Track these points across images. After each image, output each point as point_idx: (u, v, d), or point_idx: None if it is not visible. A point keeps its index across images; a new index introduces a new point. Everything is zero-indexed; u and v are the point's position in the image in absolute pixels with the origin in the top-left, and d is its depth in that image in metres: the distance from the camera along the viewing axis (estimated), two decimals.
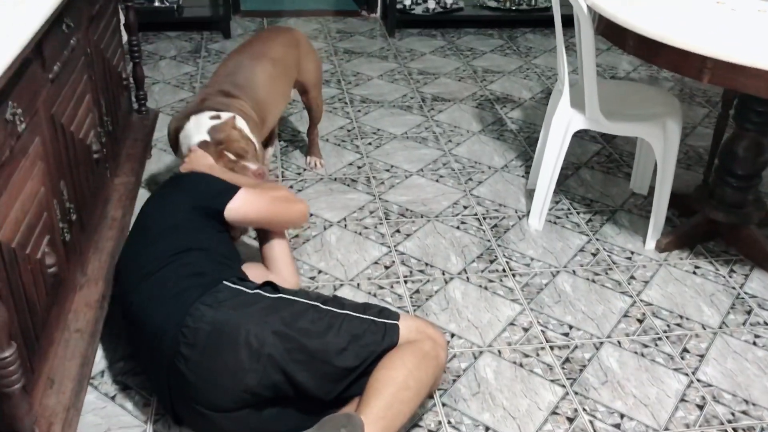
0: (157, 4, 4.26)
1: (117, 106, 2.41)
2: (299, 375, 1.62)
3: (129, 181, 2.39)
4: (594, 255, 2.48)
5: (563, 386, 1.94)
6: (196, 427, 1.74)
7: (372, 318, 1.72)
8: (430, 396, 1.88)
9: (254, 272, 2.03)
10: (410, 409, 1.63)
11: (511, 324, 2.16)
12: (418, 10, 4.44)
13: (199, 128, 2.19)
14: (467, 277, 2.35)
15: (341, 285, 2.28)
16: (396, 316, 1.75)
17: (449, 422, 1.82)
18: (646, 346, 2.09)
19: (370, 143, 3.15)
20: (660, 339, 2.12)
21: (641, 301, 2.27)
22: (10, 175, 1.42)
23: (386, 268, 2.37)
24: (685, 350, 2.08)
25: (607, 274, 2.39)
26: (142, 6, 4.23)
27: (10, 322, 1.32)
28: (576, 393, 1.92)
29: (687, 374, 1.99)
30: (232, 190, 2.00)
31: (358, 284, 2.29)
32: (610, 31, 2.12)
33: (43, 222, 1.57)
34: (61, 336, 1.71)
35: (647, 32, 1.96)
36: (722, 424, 1.84)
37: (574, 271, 2.39)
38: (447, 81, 3.81)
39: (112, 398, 1.85)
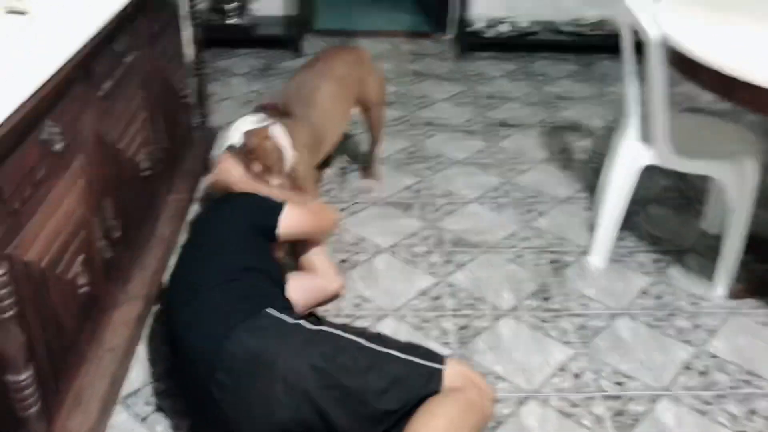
0: (230, 21, 4.32)
1: (175, 124, 2.43)
2: (334, 414, 1.55)
3: (182, 198, 2.40)
4: (657, 298, 2.32)
5: None
6: None
7: (417, 360, 1.63)
8: None
9: (298, 283, 2.06)
10: None
11: (562, 369, 2.03)
12: (491, 33, 4.35)
13: (238, 128, 2.23)
14: (519, 315, 2.23)
15: (385, 316, 2.21)
16: (442, 360, 1.65)
17: None
18: (707, 403, 1.93)
19: (429, 167, 3.07)
20: (724, 396, 1.95)
21: (706, 352, 2.11)
22: (45, 195, 1.42)
23: (434, 300, 2.29)
24: (753, 411, 1.91)
25: (669, 320, 2.23)
26: (216, 23, 4.30)
27: (29, 345, 1.31)
28: None
29: None
30: (279, 205, 2.02)
31: (403, 316, 2.21)
32: (682, 63, 1.99)
33: (79, 240, 1.56)
34: (93, 354, 1.71)
35: (729, 70, 1.82)
36: None
37: (634, 315, 2.25)
38: (515, 106, 3.70)
39: (143, 420, 1.82)
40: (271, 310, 1.66)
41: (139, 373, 1.96)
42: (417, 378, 1.60)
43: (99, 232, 1.72)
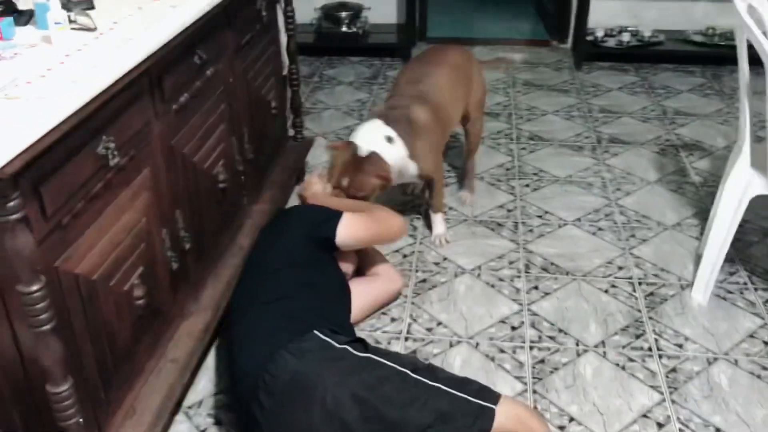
0: (344, 29, 4.34)
1: (263, 135, 2.44)
2: None
3: (265, 208, 2.40)
4: (766, 344, 2.08)
5: None
6: None
7: (466, 397, 1.54)
8: None
9: (359, 288, 2.10)
10: None
11: (644, 416, 1.86)
12: (611, 42, 4.12)
13: (367, 140, 2.27)
14: (604, 352, 2.07)
15: (458, 342, 2.11)
16: (495, 400, 1.55)
17: None
18: None
19: (527, 185, 2.93)
20: None
21: None
22: (101, 209, 1.44)
23: (513, 329, 2.16)
24: None
25: None
26: (329, 31, 4.34)
27: (76, 356, 1.33)
28: None
29: None
30: (336, 215, 2.02)
31: (477, 344, 2.11)
32: None
33: (139, 253, 1.58)
34: (154, 365, 1.73)
35: None
36: None
37: (736, 361, 2.03)
38: (630, 121, 3.48)
39: (202, 431, 1.84)
40: (318, 332, 1.62)
41: (206, 383, 1.98)
42: (465, 416, 1.51)
43: (167, 243, 1.74)
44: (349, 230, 2.03)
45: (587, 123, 3.46)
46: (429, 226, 2.62)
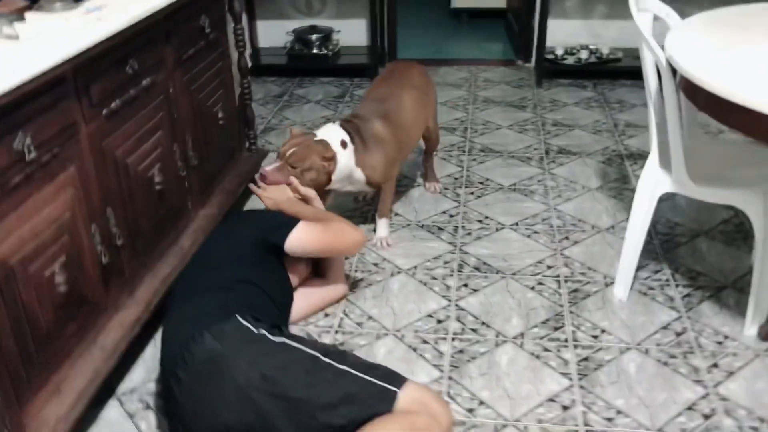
0: (315, 51, 4.50)
1: (209, 144, 2.58)
2: (279, 423, 1.59)
3: (213, 213, 2.53)
4: (678, 335, 2.18)
5: None
6: None
7: (372, 380, 1.64)
8: None
9: (306, 289, 2.26)
10: None
11: (551, 400, 1.96)
12: (570, 60, 4.26)
13: (324, 136, 2.43)
14: (522, 343, 2.17)
15: (385, 334, 2.22)
16: (400, 384, 1.65)
17: None
18: None
19: (472, 192, 3.06)
20: None
21: (716, 394, 1.95)
22: (22, 200, 1.58)
23: (438, 322, 2.27)
24: None
25: (686, 357, 2.09)
26: (301, 53, 4.51)
27: None
28: None
29: None
30: (292, 223, 2.09)
31: (403, 336, 2.21)
32: (687, 87, 1.89)
33: (61, 244, 1.71)
34: (83, 350, 1.84)
35: (719, 91, 1.72)
36: None
37: (646, 350, 2.12)
38: (581, 134, 3.60)
39: (131, 416, 1.94)
40: (239, 317, 1.73)
41: (140, 373, 2.09)
42: (368, 397, 1.61)
43: (96, 238, 1.87)
44: (301, 240, 2.09)
45: (539, 136, 3.59)
46: (376, 230, 2.74)
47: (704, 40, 2.07)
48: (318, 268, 2.33)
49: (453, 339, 2.20)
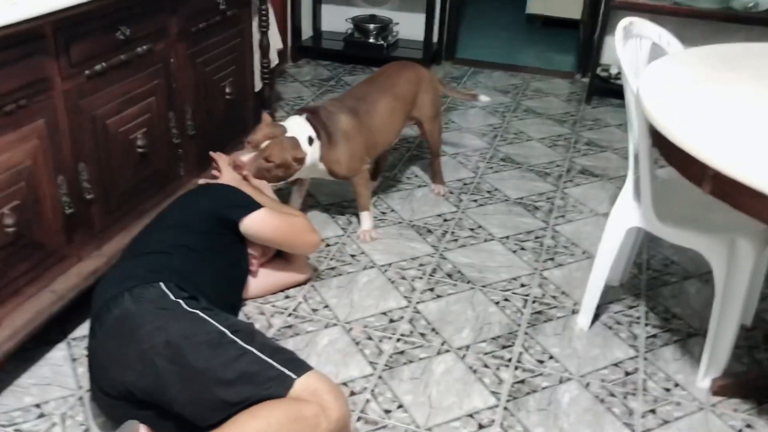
0: (371, 40, 4.54)
1: (212, 116, 2.67)
2: (174, 390, 1.64)
3: None
4: (627, 374, 2.11)
5: None
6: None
7: (273, 363, 1.67)
8: None
9: (269, 268, 2.34)
10: None
11: (470, 416, 1.94)
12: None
13: (294, 132, 2.45)
14: (464, 355, 2.16)
15: (334, 324, 2.25)
16: (302, 371, 1.67)
17: None
18: None
19: (476, 200, 3.03)
20: None
21: None
22: None
23: (391, 321, 2.28)
24: None
25: (625, 398, 2.02)
26: (358, 41, 4.56)
27: None
28: None
29: None
30: (253, 206, 2.15)
31: (350, 329, 2.24)
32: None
33: (16, 189, 1.83)
34: (34, 291, 1.97)
35: (661, 128, 1.65)
36: None
37: (587, 384, 2.07)
38: (611, 156, 3.49)
39: (74, 360, 2.06)
40: (162, 285, 1.80)
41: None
42: (265, 380, 1.64)
43: (63, 189, 1.99)
44: (257, 225, 2.14)
45: (567, 153, 3.51)
46: (360, 223, 2.77)
47: (684, 73, 1.99)
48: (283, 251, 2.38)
49: (398, 340, 2.21)
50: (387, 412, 1.94)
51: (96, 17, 1.98)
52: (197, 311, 1.76)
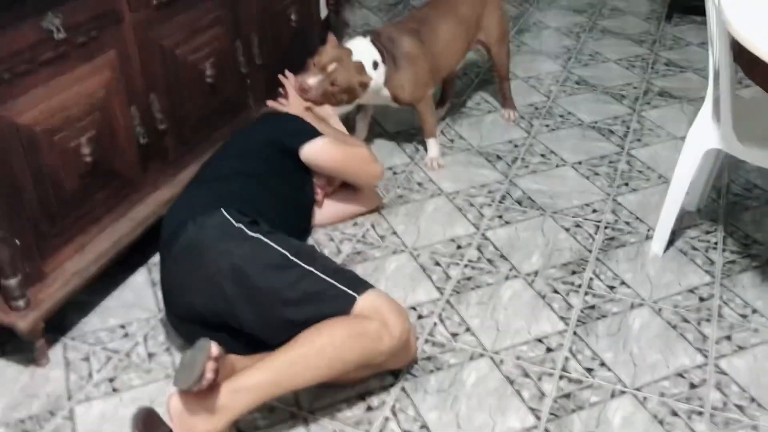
0: None
1: (278, 44, 2.67)
2: (242, 312, 1.70)
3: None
4: (702, 300, 2.06)
5: (538, 418, 1.71)
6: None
7: (334, 282, 1.70)
8: (396, 372, 1.82)
9: (339, 195, 2.34)
10: (314, 376, 1.60)
11: (538, 340, 1.94)
12: None
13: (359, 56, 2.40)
14: (532, 281, 2.14)
15: (402, 251, 2.27)
16: (362, 290, 1.70)
17: (393, 406, 1.75)
18: (675, 414, 1.72)
19: (547, 125, 2.95)
20: (700, 414, 1.72)
21: (715, 366, 1.85)
22: (53, 75, 1.76)
23: (458, 248, 2.28)
24: None
25: (699, 324, 1.98)
26: None
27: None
28: (546, 431, 1.69)
29: None
30: (313, 134, 2.16)
31: (418, 255, 2.25)
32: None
33: (92, 119, 1.89)
34: (114, 219, 2.05)
35: (744, 41, 1.55)
36: None
37: (660, 309, 2.03)
38: (692, 77, 3.33)
39: (154, 284, 2.14)
40: (224, 211, 1.82)
41: None
42: (328, 298, 1.68)
43: (136, 120, 2.04)
44: (317, 153, 2.15)
45: (645, 74, 3.36)
46: (427, 150, 2.74)
47: None
48: None
49: (465, 266, 2.21)
50: (454, 335, 1.96)
51: None
52: (259, 235, 1.78)
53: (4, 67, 1.62)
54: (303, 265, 1.72)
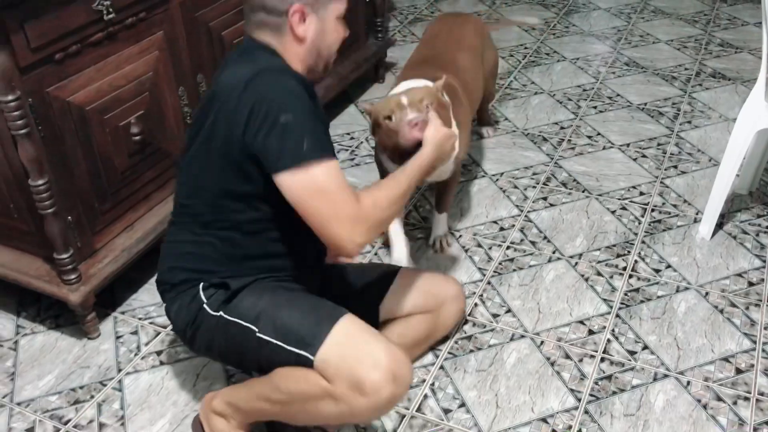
0: None
1: None
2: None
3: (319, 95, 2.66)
4: (751, 285, 2.01)
5: (579, 399, 1.70)
6: None
7: (285, 346, 1.46)
8: (435, 351, 1.82)
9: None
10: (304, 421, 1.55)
11: (581, 322, 1.92)
12: None
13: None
14: (576, 263, 2.12)
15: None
16: (318, 344, 1.41)
17: (433, 384, 1.76)
18: (719, 399, 1.69)
19: (595, 106, 2.90)
20: (746, 400, 1.69)
21: (764, 351, 1.81)
22: (103, 56, 1.80)
23: (501, 229, 2.27)
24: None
25: (747, 309, 1.93)
26: None
27: (40, 156, 1.67)
28: (586, 412, 1.68)
29: None
30: None
31: (460, 236, 2.25)
32: None
33: (141, 99, 1.93)
34: (163, 196, 2.09)
35: None
36: None
37: (706, 293, 1.99)
38: (747, 57, 3.23)
39: None
40: (201, 287, 1.57)
41: None
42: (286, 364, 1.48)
43: (184, 99, 2.08)
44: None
45: (697, 55, 3.27)
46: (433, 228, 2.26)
47: None
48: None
49: (508, 247, 2.20)
50: (495, 316, 1.96)
51: None
52: (221, 313, 1.53)
53: (56, 47, 1.67)
54: (259, 335, 1.49)
